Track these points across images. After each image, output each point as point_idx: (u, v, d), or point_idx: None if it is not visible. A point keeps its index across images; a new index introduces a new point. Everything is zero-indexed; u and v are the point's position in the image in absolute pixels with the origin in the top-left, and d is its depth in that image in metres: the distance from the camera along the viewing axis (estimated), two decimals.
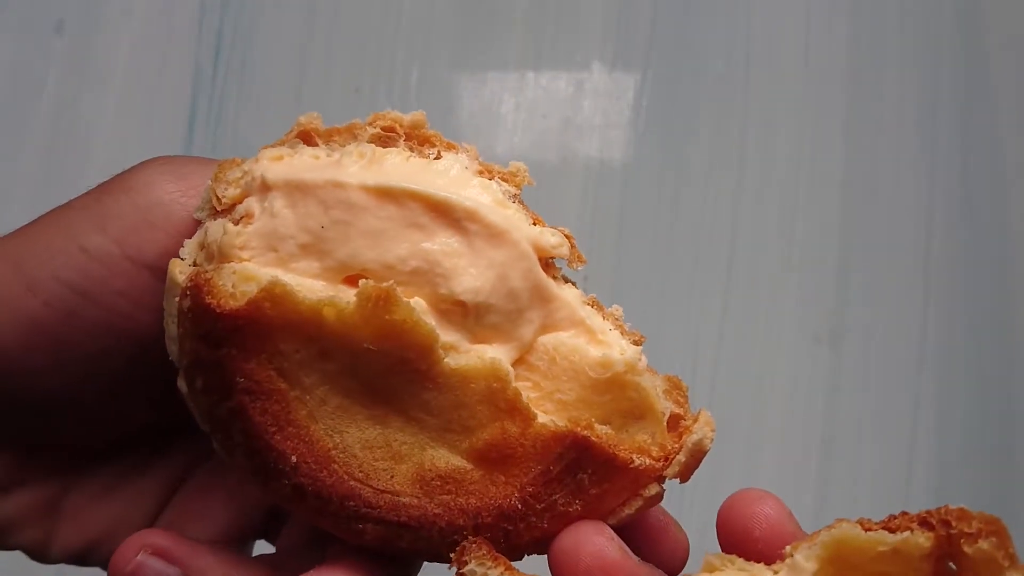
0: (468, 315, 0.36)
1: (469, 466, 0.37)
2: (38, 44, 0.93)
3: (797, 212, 0.92)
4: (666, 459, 0.38)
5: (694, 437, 0.38)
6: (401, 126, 0.39)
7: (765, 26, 0.97)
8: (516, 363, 0.37)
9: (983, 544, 0.31)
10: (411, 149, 0.38)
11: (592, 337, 0.38)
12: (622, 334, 0.38)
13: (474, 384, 0.36)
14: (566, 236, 0.38)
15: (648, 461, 0.37)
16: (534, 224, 0.38)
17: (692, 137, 0.94)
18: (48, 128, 0.91)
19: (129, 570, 0.38)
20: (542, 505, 0.36)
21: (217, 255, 0.36)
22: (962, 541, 0.31)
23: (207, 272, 0.35)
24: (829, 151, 0.94)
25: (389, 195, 0.36)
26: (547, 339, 0.38)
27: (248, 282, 0.35)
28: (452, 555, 0.35)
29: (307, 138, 0.39)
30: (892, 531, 0.33)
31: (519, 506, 0.36)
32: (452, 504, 0.36)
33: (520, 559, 0.38)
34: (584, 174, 0.92)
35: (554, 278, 0.38)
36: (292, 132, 0.39)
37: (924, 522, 0.32)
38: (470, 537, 0.35)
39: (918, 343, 0.89)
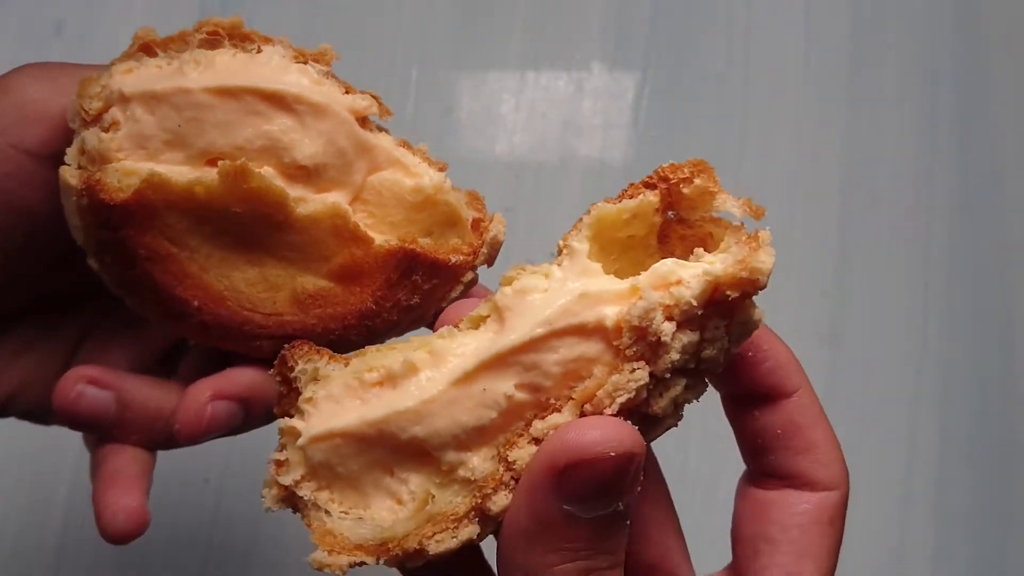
0: (310, 175, 0.46)
1: (331, 285, 0.47)
2: (38, 44, 0.93)
3: (797, 212, 0.92)
4: (474, 253, 0.50)
5: (490, 234, 0.50)
6: (223, 29, 0.47)
7: (765, 26, 0.97)
8: (353, 201, 0.47)
9: (697, 181, 0.38)
10: (235, 47, 0.46)
11: (406, 171, 0.48)
12: (429, 164, 0.49)
13: (322, 223, 0.46)
14: (373, 96, 0.48)
15: (461, 257, 0.49)
16: (346, 92, 0.47)
17: (692, 137, 0.94)
18: None
19: (71, 398, 0.46)
20: (390, 303, 0.48)
21: (98, 159, 0.44)
22: (680, 186, 0.38)
23: (95, 174, 0.43)
24: (829, 151, 0.94)
25: (228, 92, 0.44)
26: (374, 178, 0.48)
27: (130, 176, 0.44)
28: (273, 369, 0.41)
29: (148, 49, 0.46)
30: (631, 198, 0.39)
31: (373, 307, 0.48)
32: (324, 315, 0.48)
33: (381, 341, 0.48)
34: (584, 174, 0.92)
35: (370, 131, 0.48)
36: (134, 46, 0.46)
37: (648, 185, 0.39)
38: (286, 345, 0.41)
39: (918, 343, 0.89)
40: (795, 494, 0.43)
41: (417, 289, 0.49)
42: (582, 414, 0.36)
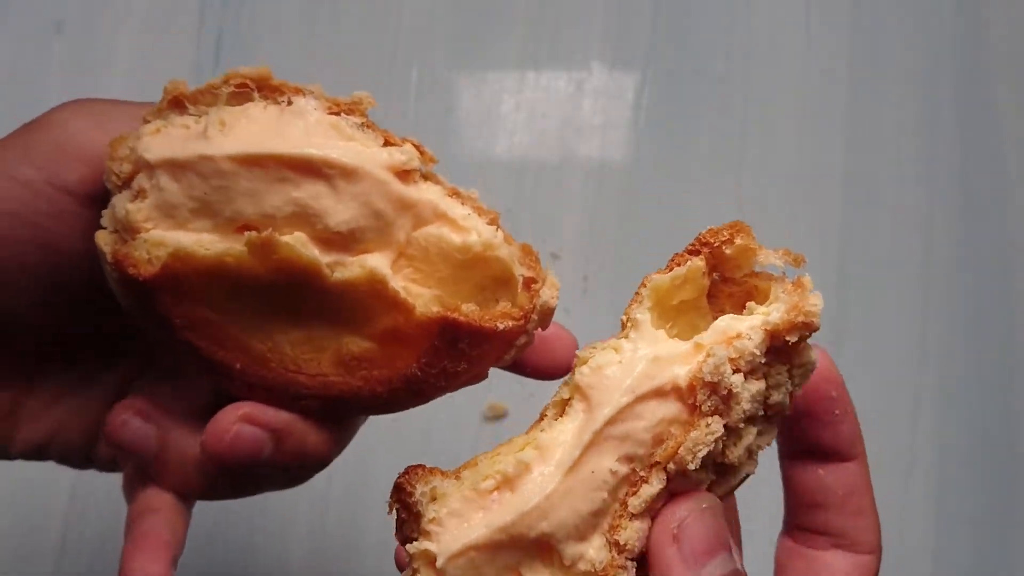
0: (346, 239, 0.43)
1: (375, 347, 0.45)
2: (38, 44, 0.93)
3: (797, 212, 0.92)
4: (524, 318, 0.46)
5: (541, 300, 0.46)
6: (252, 80, 0.44)
7: (765, 26, 0.97)
8: (398, 259, 0.45)
9: (737, 241, 0.40)
10: (265, 99, 0.44)
11: (454, 225, 0.45)
12: (480, 215, 0.46)
13: (360, 288, 0.43)
14: (414, 145, 0.45)
15: (511, 323, 0.45)
16: (385, 144, 0.44)
17: (692, 137, 0.94)
18: None
19: (117, 425, 0.47)
20: (436, 370, 0.45)
21: (127, 229, 0.43)
22: (722, 248, 0.40)
23: (123, 248, 0.42)
24: (829, 151, 0.94)
25: (252, 160, 0.42)
26: (419, 234, 0.45)
27: (158, 248, 0.42)
28: (391, 499, 0.41)
29: (178, 104, 0.44)
30: (680, 265, 0.41)
31: (418, 373, 0.45)
32: (369, 377, 0.45)
33: (427, 401, 0.47)
34: (584, 174, 0.92)
35: (414, 182, 0.44)
36: (164, 100, 0.44)
37: (692, 252, 0.41)
38: (400, 473, 0.41)
39: (918, 343, 0.89)
40: (843, 555, 0.46)
41: (463, 356, 0.45)
42: (668, 477, 0.38)
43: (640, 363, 0.39)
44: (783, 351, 0.39)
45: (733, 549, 0.39)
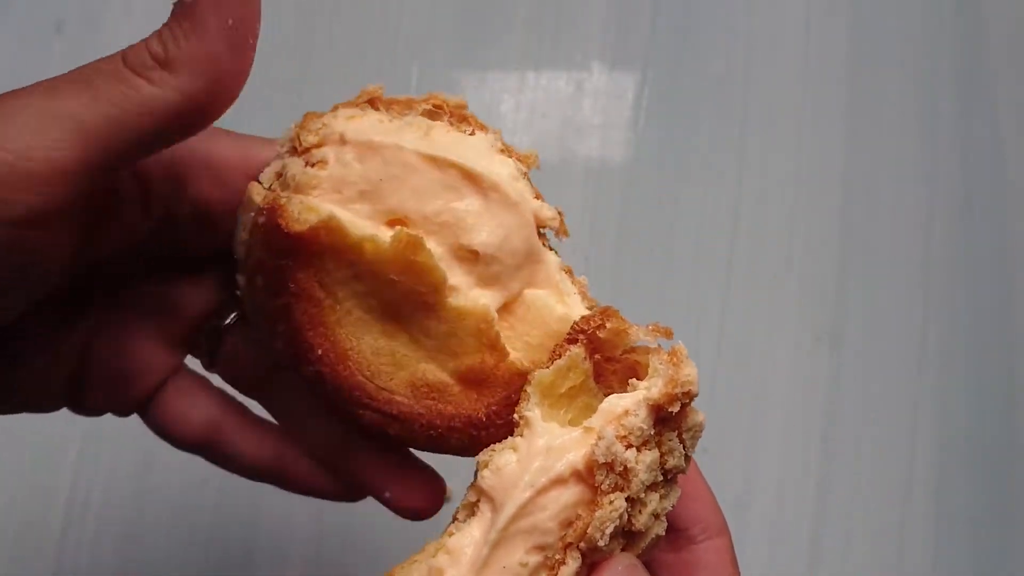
0: (478, 262, 0.45)
1: (452, 382, 0.47)
2: (38, 44, 0.93)
3: (797, 212, 0.92)
4: None
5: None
6: (448, 106, 0.47)
7: (765, 26, 0.97)
8: (503, 308, 0.47)
9: (608, 325, 0.44)
10: (451, 124, 0.47)
11: (560, 298, 0.47)
12: (583, 299, 0.48)
13: (467, 321, 0.45)
14: (559, 212, 0.48)
15: None
16: (536, 198, 0.47)
17: (692, 137, 0.94)
18: None
19: None
20: (501, 421, 0.47)
21: (293, 187, 0.45)
22: (597, 333, 0.44)
23: (282, 198, 0.44)
24: (829, 151, 0.94)
25: (436, 162, 0.45)
26: (529, 293, 0.47)
27: (311, 212, 0.44)
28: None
29: (372, 103, 0.47)
30: (560, 356, 0.44)
31: (483, 418, 0.47)
32: (433, 408, 0.47)
33: (476, 453, 0.47)
34: (584, 174, 0.92)
35: (544, 245, 0.48)
36: (362, 97, 0.47)
37: (571, 340, 0.44)
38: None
39: (918, 343, 0.89)
40: (702, 547, 0.48)
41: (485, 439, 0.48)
42: (582, 554, 0.40)
43: (536, 458, 0.41)
44: (670, 419, 0.42)
45: None
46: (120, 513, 0.82)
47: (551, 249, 0.49)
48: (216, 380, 0.55)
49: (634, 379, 0.43)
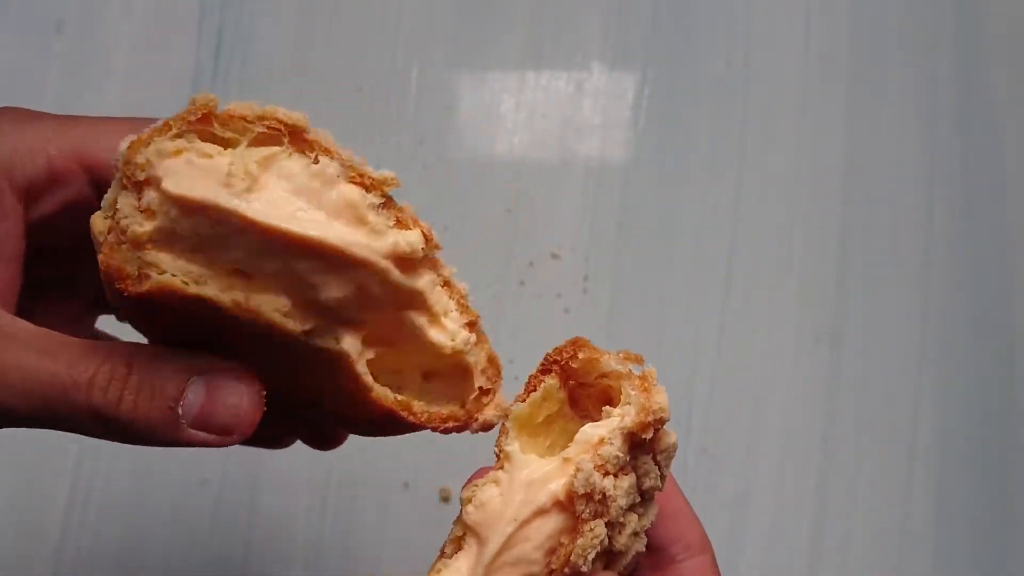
0: (329, 309, 0.44)
1: (345, 395, 0.47)
2: (38, 44, 0.93)
3: (797, 212, 0.92)
4: (464, 425, 0.50)
5: (484, 416, 0.50)
6: (286, 126, 0.43)
7: (765, 26, 0.97)
8: (378, 339, 0.47)
9: (580, 355, 0.45)
10: (292, 150, 0.43)
11: (435, 320, 0.48)
12: (462, 312, 0.48)
13: (328, 359, 0.45)
14: (423, 232, 0.45)
15: (452, 427, 0.49)
16: (397, 224, 0.45)
17: (692, 137, 0.94)
18: None
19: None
20: (388, 425, 0.49)
21: (128, 237, 0.42)
22: (569, 363, 0.45)
23: (115, 257, 0.42)
24: (829, 151, 0.94)
25: (265, 230, 0.41)
26: (406, 317, 0.47)
27: (150, 268, 0.42)
28: None
29: (205, 121, 0.43)
30: (535, 390, 0.46)
31: (373, 427, 0.51)
32: (343, 407, 0.49)
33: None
34: (584, 174, 0.92)
35: (413, 268, 0.46)
36: (191, 113, 0.42)
37: (544, 371, 0.46)
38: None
39: (918, 343, 0.89)
40: (687, 564, 0.49)
41: (408, 428, 0.50)
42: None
43: (518, 492, 0.43)
44: (644, 444, 0.44)
45: None
46: (120, 513, 0.82)
47: (427, 259, 0.47)
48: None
49: (608, 406, 0.44)
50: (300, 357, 0.46)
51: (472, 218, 0.90)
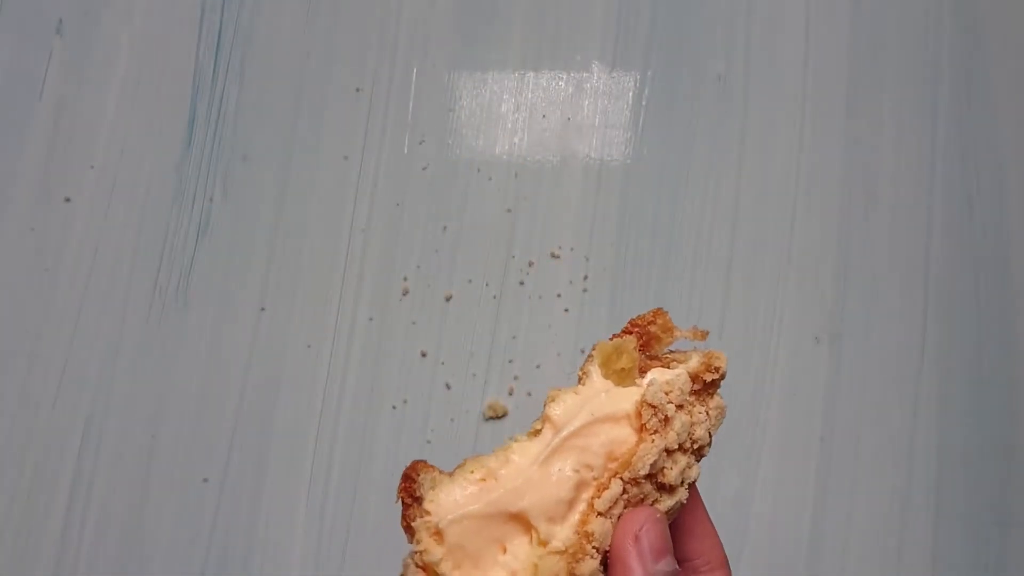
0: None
1: None
2: (38, 44, 0.93)
3: (797, 212, 0.92)
4: None
5: None
6: None
7: (765, 26, 0.97)
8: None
9: (659, 321, 0.52)
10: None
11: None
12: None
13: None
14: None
15: None
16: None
17: (692, 137, 0.94)
18: (48, 128, 0.91)
19: None
20: None
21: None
22: (649, 326, 0.52)
23: None
24: (829, 151, 0.94)
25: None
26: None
27: None
28: (400, 486, 0.47)
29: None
30: (620, 337, 0.52)
31: None
32: None
33: None
34: (584, 174, 0.92)
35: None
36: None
37: (627, 332, 0.52)
38: (410, 464, 0.47)
39: (918, 343, 0.90)
40: None
41: None
42: (623, 484, 0.47)
43: (596, 397, 0.49)
44: (701, 391, 0.50)
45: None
46: (120, 512, 0.82)
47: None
48: None
49: (673, 363, 0.51)
50: None
51: (472, 218, 0.90)
